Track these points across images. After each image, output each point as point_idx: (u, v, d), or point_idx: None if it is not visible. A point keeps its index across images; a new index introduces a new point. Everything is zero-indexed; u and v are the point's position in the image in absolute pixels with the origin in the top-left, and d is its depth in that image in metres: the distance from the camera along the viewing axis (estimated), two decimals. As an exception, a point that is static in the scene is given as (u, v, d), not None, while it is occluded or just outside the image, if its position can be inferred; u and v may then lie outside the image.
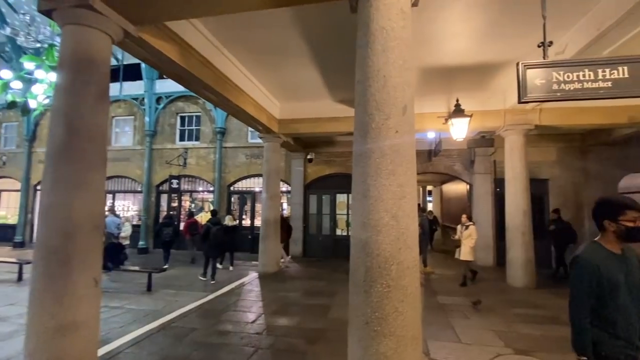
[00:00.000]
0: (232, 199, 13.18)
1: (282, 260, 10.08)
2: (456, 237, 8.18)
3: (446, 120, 7.68)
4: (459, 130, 7.34)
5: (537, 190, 9.53)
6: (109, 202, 14.02)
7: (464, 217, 8.13)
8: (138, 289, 7.15)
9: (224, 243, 8.48)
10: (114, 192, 14.13)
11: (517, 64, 2.85)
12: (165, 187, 13.33)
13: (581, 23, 4.83)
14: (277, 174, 9.55)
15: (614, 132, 9.01)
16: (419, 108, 8.09)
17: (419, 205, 21.50)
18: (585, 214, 9.95)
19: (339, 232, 11.76)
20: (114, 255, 7.90)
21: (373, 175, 2.60)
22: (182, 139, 13.69)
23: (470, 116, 7.25)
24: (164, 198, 13.60)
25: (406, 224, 2.57)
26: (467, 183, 11.26)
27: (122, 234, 9.90)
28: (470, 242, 7.68)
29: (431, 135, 10.58)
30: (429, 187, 21.19)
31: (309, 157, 11.86)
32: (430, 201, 21.39)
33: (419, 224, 9.91)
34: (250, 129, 11.48)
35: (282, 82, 7.70)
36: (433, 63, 6.45)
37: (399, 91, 2.62)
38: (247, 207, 13.08)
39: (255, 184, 12.75)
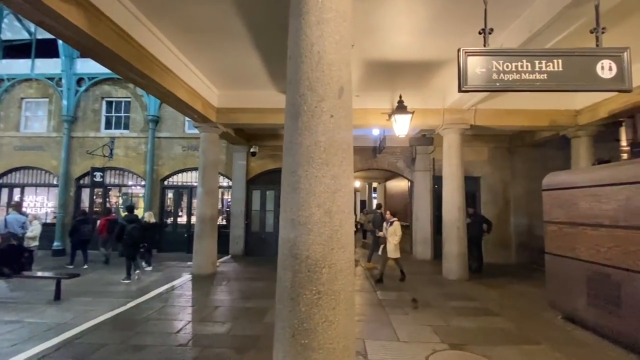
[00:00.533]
0: (167, 194, 12.12)
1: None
2: (380, 234, 7.94)
3: (390, 116, 7.68)
4: (402, 127, 7.38)
5: (471, 187, 10.04)
6: (16, 197, 12.12)
7: (388, 214, 7.81)
8: (44, 298, 6.12)
9: (142, 241, 7.74)
10: (22, 186, 12.24)
11: (459, 50, 2.73)
12: (87, 180, 11.81)
13: (515, 25, 5.00)
14: (214, 167, 8.84)
15: (537, 135, 9.85)
16: (364, 103, 8.03)
17: (359, 201, 21.76)
18: (511, 208, 10.76)
19: (282, 229, 11.35)
20: (12, 258, 6.68)
21: (304, 165, 2.28)
22: (108, 127, 12.22)
23: (412, 113, 7.32)
24: (85, 193, 12.07)
25: (340, 220, 2.29)
26: (409, 180, 11.55)
27: (29, 234, 8.47)
28: (394, 239, 7.33)
29: (376, 132, 10.68)
30: (374, 184, 21.69)
31: (252, 150, 11.25)
32: (375, 197, 21.91)
33: (371, 220, 9.88)
34: (187, 118, 10.57)
35: (220, 67, 7.07)
36: (377, 57, 6.33)
37: (334, 70, 2.31)
38: (184, 203, 12.13)
39: (193, 178, 11.82)
